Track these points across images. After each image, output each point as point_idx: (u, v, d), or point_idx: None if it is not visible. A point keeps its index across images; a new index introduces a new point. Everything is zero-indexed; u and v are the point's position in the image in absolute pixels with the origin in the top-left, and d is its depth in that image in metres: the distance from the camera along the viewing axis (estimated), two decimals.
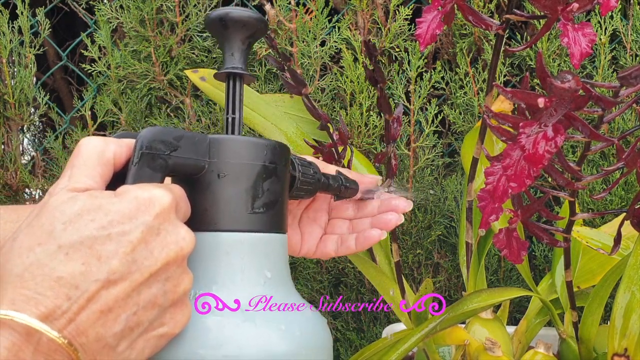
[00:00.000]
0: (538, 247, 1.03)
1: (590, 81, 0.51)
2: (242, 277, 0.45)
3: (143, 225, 0.39)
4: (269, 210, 0.47)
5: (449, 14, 0.60)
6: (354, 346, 1.09)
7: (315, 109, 0.70)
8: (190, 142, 0.44)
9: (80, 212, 0.38)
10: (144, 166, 0.42)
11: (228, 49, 0.50)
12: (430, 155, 1.03)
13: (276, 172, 0.48)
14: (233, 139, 0.46)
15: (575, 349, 0.72)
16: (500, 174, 0.51)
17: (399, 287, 0.76)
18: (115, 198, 0.40)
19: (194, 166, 0.45)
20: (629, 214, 0.60)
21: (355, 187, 0.60)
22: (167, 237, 0.40)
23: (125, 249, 0.38)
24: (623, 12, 1.01)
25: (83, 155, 0.42)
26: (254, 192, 0.46)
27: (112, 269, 0.38)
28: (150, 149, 0.42)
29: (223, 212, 0.45)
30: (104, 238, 0.38)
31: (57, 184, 0.41)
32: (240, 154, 0.46)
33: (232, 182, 0.45)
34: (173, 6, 1.03)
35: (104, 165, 0.42)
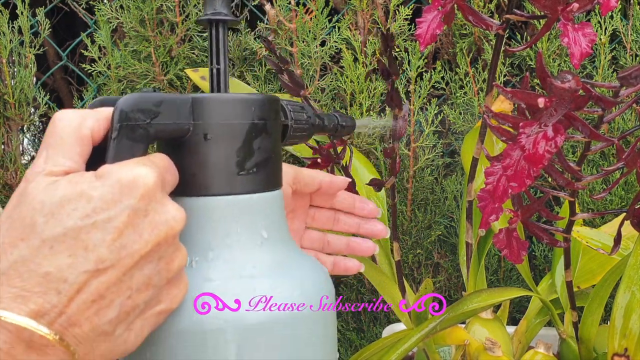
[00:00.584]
0: (538, 247, 1.03)
1: (590, 81, 0.51)
2: (238, 240, 0.44)
3: (129, 208, 0.38)
4: (262, 169, 0.45)
5: (449, 14, 0.60)
6: (354, 346, 1.09)
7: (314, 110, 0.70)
8: (171, 106, 0.42)
9: (61, 202, 0.37)
10: (123, 139, 0.40)
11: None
12: (430, 155, 1.03)
13: (266, 128, 0.45)
14: (217, 98, 0.44)
15: (575, 349, 0.72)
16: (500, 174, 0.51)
17: (399, 287, 0.76)
18: (97, 182, 0.38)
19: (177, 130, 0.42)
20: (629, 214, 0.60)
21: (351, 123, 0.57)
22: (155, 217, 0.39)
23: (112, 235, 0.37)
24: (623, 12, 1.01)
25: (58, 133, 0.39)
26: (244, 152, 0.44)
27: (101, 258, 0.37)
28: (129, 120, 0.40)
29: (213, 176, 0.43)
30: (88, 227, 0.37)
31: (33, 167, 0.39)
32: (227, 113, 0.43)
33: (219, 143, 0.43)
34: (173, 6, 1.03)
35: (82, 142, 0.40)
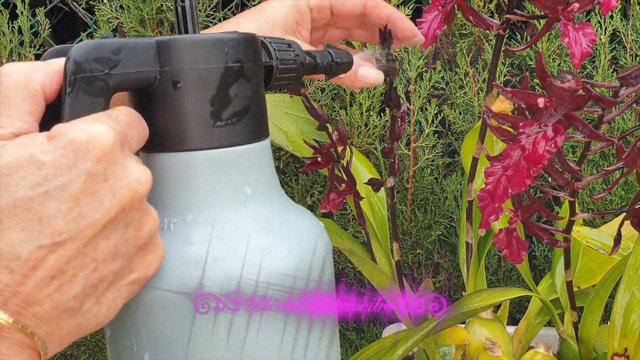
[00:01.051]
0: (538, 247, 1.03)
1: (590, 81, 0.51)
2: (218, 199, 0.40)
3: (84, 173, 0.34)
4: (241, 118, 0.40)
5: (449, 14, 0.60)
6: (354, 346, 1.09)
7: (314, 109, 0.70)
8: (132, 52, 0.37)
9: (8, 170, 0.33)
10: (79, 94, 0.35)
11: None
12: (430, 155, 1.03)
13: (243, 71, 0.40)
14: (185, 39, 0.39)
15: (575, 349, 0.72)
16: (500, 174, 0.51)
17: (399, 287, 0.76)
18: (49, 144, 0.34)
19: (142, 79, 0.38)
20: (629, 214, 0.60)
21: (348, 59, 0.52)
22: (117, 181, 0.35)
23: (68, 204, 0.33)
24: (623, 12, 1.01)
25: (3, 90, 0.35)
26: (219, 100, 0.39)
27: (57, 230, 0.33)
28: (84, 72, 0.35)
29: (186, 128, 0.39)
30: (41, 196, 0.33)
31: None
32: (196, 57, 0.38)
33: (191, 91, 0.39)
34: (173, 6, 1.03)
35: (32, 99, 0.35)
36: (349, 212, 1.04)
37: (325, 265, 0.43)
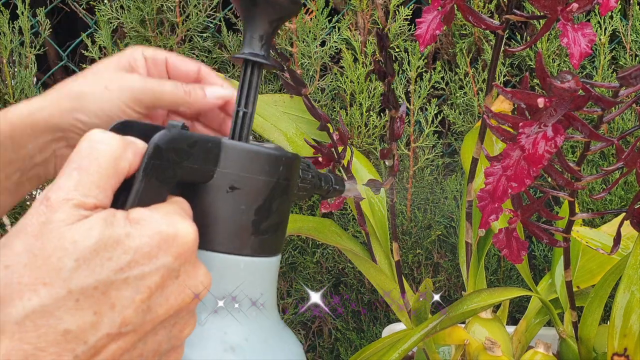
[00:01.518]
0: (538, 247, 1.04)
1: (590, 81, 0.51)
2: (233, 305, 0.41)
3: (164, 267, 0.34)
4: (274, 232, 0.41)
5: (449, 14, 0.60)
6: (354, 346, 1.09)
7: (315, 109, 0.70)
8: (202, 149, 0.38)
9: (96, 247, 0.32)
10: (152, 179, 0.36)
11: (251, 30, 0.42)
12: (430, 155, 1.03)
13: (287, 189, 0.42)
14: (250, 149, 0.40)
15: (575, 348, 0.72)
16: (500, 174, 0.51)
17: (399, 287, 0.76)
18: (133, 229, 0.33)
19: (202, 175, 0.38)
20: (628, 213, 0.60)
21: (342, 188, 0.54)
22: (185, 281, 0.35)
23: (142, 295, 0.33)
24: (623, 12, 1.01)
25: (98, 158, 0.34)
26: (264, 211, 0.40)
27: (125, 320, 0.33)
28: (161, 159, 0.36)
29: (226, 232, 0.39)
30: (120, 282, 0.32)
31: (58, 189, 0.33)
32: (256, 167, 0.40)
33: (242, 198, 0.39)
34: (173, 6, 1.03)
35: (117, 176, 0.35)
36: (349, 212, 1.04)
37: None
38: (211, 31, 1.07)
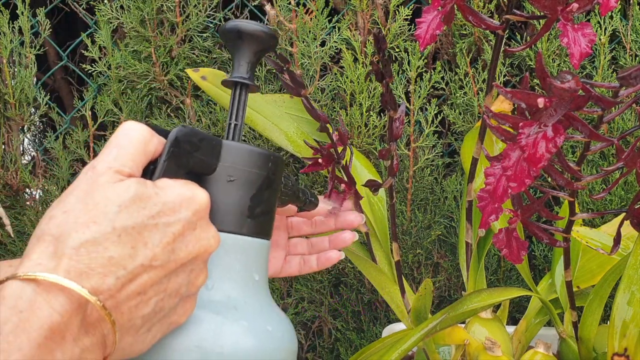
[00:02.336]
0: (538, 247, 1.04)
1: (590, 81, 0.51)
2: (235, 276, 0.49)
3: (184, 219, 0.43)
4: (264, 217, 0.50)
5: (449, 14, 0.60)
6: (354, 346, 1.09)
7: (314, 110, 0.70)
8: (208, 145, 0.47)
9: (133, 198, 0.41)
10: (171, 162, 0.45)
11: (238, 59, 0.53)
12: (430, 155, 1.03)
13: (274, 183, 0.51)
14: (245, 148, 0.49)
15: (575, 348, 0.72)
16: (500, 174, 0.51)
17: (399, 287, 0.76)
18: (161, 190, 0.43)
19: (207, 166, 0.47)
20: (628, 213, 0.60)
21: (316, 201, 0.63)
22: (201, 233, 0.44)
23: (168, 239, 0.42)
24: (623, 13, 1.01)
25: (132, 139, 0.43)
26: (256, 199, 0.49)
27: (155, 256, 0.41)
28: (179, 148, 0.45)
29: (226, 214, 0.48)
30: (151, 226, 0.41)
31: (102, 160, 0.42)
32: (250, 162, 0.49)
33: (239, 187, 0.48)
34: (173, 6, 1.03)
35: (146, 155, 0.44)
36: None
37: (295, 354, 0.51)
38: (211, 31, 1.07)
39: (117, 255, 0.39)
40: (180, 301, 0.44)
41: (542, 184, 1.01)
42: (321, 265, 0.65)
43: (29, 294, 0.37)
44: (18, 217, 1.11)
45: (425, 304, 0.69)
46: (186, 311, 0.45)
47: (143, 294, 0.41)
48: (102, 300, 0.39)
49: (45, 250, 0.39)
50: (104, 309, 0.39)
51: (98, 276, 0.39)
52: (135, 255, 0.40)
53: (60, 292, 0.38)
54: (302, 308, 1.10)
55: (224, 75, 0.83)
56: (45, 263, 0.38)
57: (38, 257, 0.38)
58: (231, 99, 0.53)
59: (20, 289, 0.37)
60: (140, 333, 0.42)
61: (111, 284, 0.39)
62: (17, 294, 0.37)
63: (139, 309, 0.41)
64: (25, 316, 0.36)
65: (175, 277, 0.43)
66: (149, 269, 0.41)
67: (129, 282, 0.40)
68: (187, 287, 0.44)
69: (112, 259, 0.39)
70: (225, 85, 0.54)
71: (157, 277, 0.41)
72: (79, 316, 0.38)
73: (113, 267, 0.39)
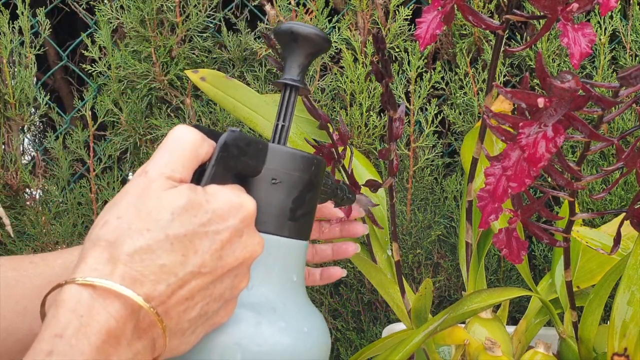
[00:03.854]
0: (538, 247, 1.04)
1: (590, 81, 0.51)
2: (275, 278, 0.49)
3: (232, 227, 0.43)
4: (305, 219, 0.51)
5: (449, 14, 0.60)
6: (354, 346, 1.09)
7: (315, 109, 0.70)
8: (255, 148, 0.48)
9: (186, 206, 0.42)
10: (220, 167, 0.45)
11: (291, 61, 0.53)
12: (430, 155, 1.03)
13: (317, 186, 0.51)
14: (290, 152, 0.50)
15: (575, 348, 0.72)
16: (500, 174, 0.51)
17: (399, 287, 0.76)
18: (211, 197, 0.43)
19: (252, 169, 0.48)
20: (628, 213, 0.60)
21: (353, 197, 0.63)
22: (247, 240, 0.44)
23: (217, 246, 0.43)
24: (623, 13, 1.01)
25: (183, 145, 0.44)
26: (298, 201, 0.50)
27: (204, 263, 0.42)
28: (227, 152, 0.46)
29: (269, 215, 0.49)
30: (202, 234, 0.42)
31: (154, 165, 0.43)
32: (294, 166, 0.49)
33: (282, 189, 0.49)
34: (173, 6, 1.03)
35: (197, 160, 0.45)
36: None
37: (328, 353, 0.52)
38: (211, 31, 1.07)
39: (169, 262, 0.40)
40: (224, 304, 0.45)
41: (542, 184, 1.01)
42: (324, 280, 0.65)
43: (87, 299, 0.38)
44: (18, 217, 1.11)
45: (426, 304, 0.69)
46: (228, 313, 0.46)
47: (191, 300, 0.42)
48: (154, 307, 0.40)
49: (101, 256, 0.40)
50: (156, 315, 0.40)
51: (150, 283, 0.40)
52: (186, 262, 0.41)
53: (116, 298, 0.39)
54: None
55: (223, 76, 0.83)
56: (100, 269, 0.39)
57: (94, 262, 0.39)
58: (280, 100, 0.53)
59: (78, 294, 0.38)
60: (186, 335, 0.43)
61: (162, 290, 0.40)
62: (76, 298, 0.38)
63: (186, 314, 0.42)
64: (85, 320, 0.38)
65: (221, 283, 0.44)
66: (197, 276, 0.42)
67: (179, 288, 0.41)
68: (230, 290, 0.45)
69: (165, 266, 0.40)
70: (275, 85, 0.54)
71: (204, 283, 0.42)
72: (133, 321, 0.39)
73: (164, 274, 0.40)
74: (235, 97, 0.82)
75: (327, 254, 0.65)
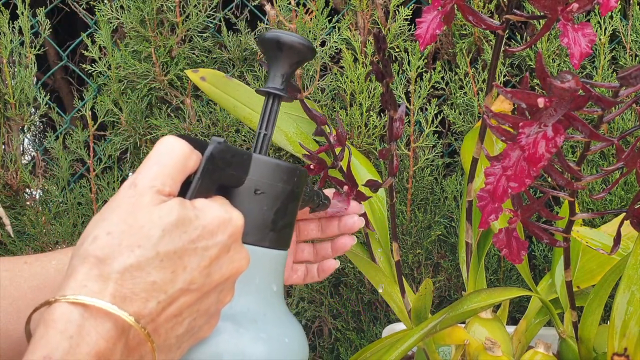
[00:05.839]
0: (538, 247, 1.04)
1: (590, 81, 0.51)
2: (255, 288, 0.49)
3: (221, 243, 0.43)
4: (286, 229, 0.51)
5: (449, 14, 0.60)
6: (354, 346, 1.09)
7: (312, 111, 0.70)
8: (239, 159, 0.47)
9: (176, 222, 0.41)
10: (206, 179, 0.45)
11: (275, 70, 0.53)
12: (430, 155, 1.03)
13: (298, 196, 0.51)
14: (274, 162, 0.49)
15: (575, 348, 0.72)
16: (500, 174, 0.51)
17: (399, 287, 0.76)
18: (200, 212, 0.43)
19: (236, 180, 0.48)
20: (628, 213, 0.60)
21: (328, 203, 0.63)
22: (234, 255, 0.45)
23: (205, 262, 0.42)
24: (623, 13, 1.01)
25: (173, 157, 0.43)
26: (280, 212, 0.50)
27: (193, 280, 0.42)
28: (213, 165, 0.45)
29: (251, 226, 0.48)
30: (191, 251, 0.42)
31: (142, 178, 0.42)
32: (277, 177, 0.49)
33: (265, 200, 0.49)
34: (173, 6, 1.03)
35: (185, 172, 0.44)
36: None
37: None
38: (211, 31, 1.07)
39: (159, 280, 0.40)
40: (208, 318, 0.45)
41: (542, 184, 1.01)
42: (322, 275, 0.65)
43: (77, 319, 0.38)
44: (18, 217, 1.11)
45: (426, 304, 0.69)
46: (211, 327, 0.46)
47: (179, 316, 0.42)
48: (144, 326, 0.40)
49: (90, 272, 0.39)
50: (146, 334, 0.40)
51: (140, 301, 0.39)
52: (175, 279, 0.41)
53: (106, 317, 0.38)
54: (302, 308, 1.10)
55: (223, 76, 0.83)
56: (90, 286, 0.39)
57: (83, 279, 0.39)
58: (263, 108, 0.53)
59: (68, 313, 0.38)
60: (172, 351, 0.43)
61: (152, 308, 0.40)
62: (66, 318, 0.38)
63: (174, 330, 0.42)
64: (75, 342, 0.37)
65: (207, 299, 0.44)
66: (186, 293, 0.42)
67: (168, 305, 0.41)
68: (216, 305, 0.45)
69: (155, 283, 0.40)
70: (259, 93, 0.54)
71: (192, 300, 0.42)
72: (122, 341, 0.39)
73: (155, 292, 0.40)
74: (235, 96, 0.82)
75: (327, 251, 0.65)
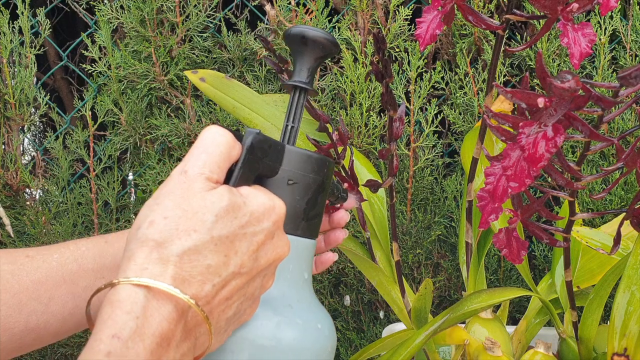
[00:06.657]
0: (538, 247, 1.04)
1: (590, 81, 0.51)
2: (290, 275, 0.51)
3: (266, 229, 0.45)
4: (316, 219, 0.52)
5: (449, 14, 0.60)
6: (354, 346, 1.09)
7: (314, 109, 0.70)
8: (274, 150, 0.49)
9: (227, 208, 0.43)
10: (246, 169, 0.47)
11: (300, 64, 0.54)
12: (430, 155, 1.03)
13: (327, 187, 0.53)
14: (306, 153, 0.51)
15: (575, 348, 0.72)
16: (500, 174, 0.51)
17: (399, 287, 0.76)
18: (247, 199, 0.45)
19: (271, 170, 0.49)
20: (628, 213, 0.60)
21: (346, 196, 0.64)
22: (277, 241, 0.46)
23: (254, 247, 0.44)
24: (623, 13, 1.01)
25: (219, 146, 0.45)
26: (312, 202, 0.51)
27: (243, 264, 0.43)
28: (253, 155, 0.47)
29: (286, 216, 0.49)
30: (241, 236, 0.43)
31: (192, 165, 0.44)
32: (309, 167, 0.51)
33: (298, 190, 0.50)
34: (173, 6, 1.03)
35: (230, 161, 0.46)
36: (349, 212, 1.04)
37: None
38: (211, 31, 1.07)
39: (214, 263, 0.42)
40: (252, 302, 0.47)
41: (542, 184, 1.01)
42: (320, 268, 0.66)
43: (142, 300, 0.39)
44: (18, 217, 1.11)
45: (425, 304, 0.69)
46: (253, 310, 0.47)
47: (230, 299, 0.43)
48: (200, 306, 0.41)
49: (150, 256, 0.40)
50: (205, 316, 0.41)
51: (198, 283, 0.41)
52: (228, 263, 0.42)
53: (168, 299, 0.40)
54: None
55: (222, 76, 0.83)
56: (151, 268, 0.40)
57: (143, 262, 0.40)
58: (290, 101, 0.54)
59: (134, 294, 0.39)
60: (221, 333, 0.44)
61: (208, 291, 0.41)
62: (131, 299, 0.39)
63: (225, 313, 0.43)
64: (140, 322, 0.38)
65: (253, 283, 0.45)
66: (237, 276, 0.43)
67: (221, 288, 0.42)
68: (259, 290, 0.46)
69: (210, 267, 0.42)
70: (285, 87, 0.55)
71: (241, 283, 0.44)
72: (182, 323, 0.40)
73: (210, 274, 0.42)
74: (235, 97, 0.82)
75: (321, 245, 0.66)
